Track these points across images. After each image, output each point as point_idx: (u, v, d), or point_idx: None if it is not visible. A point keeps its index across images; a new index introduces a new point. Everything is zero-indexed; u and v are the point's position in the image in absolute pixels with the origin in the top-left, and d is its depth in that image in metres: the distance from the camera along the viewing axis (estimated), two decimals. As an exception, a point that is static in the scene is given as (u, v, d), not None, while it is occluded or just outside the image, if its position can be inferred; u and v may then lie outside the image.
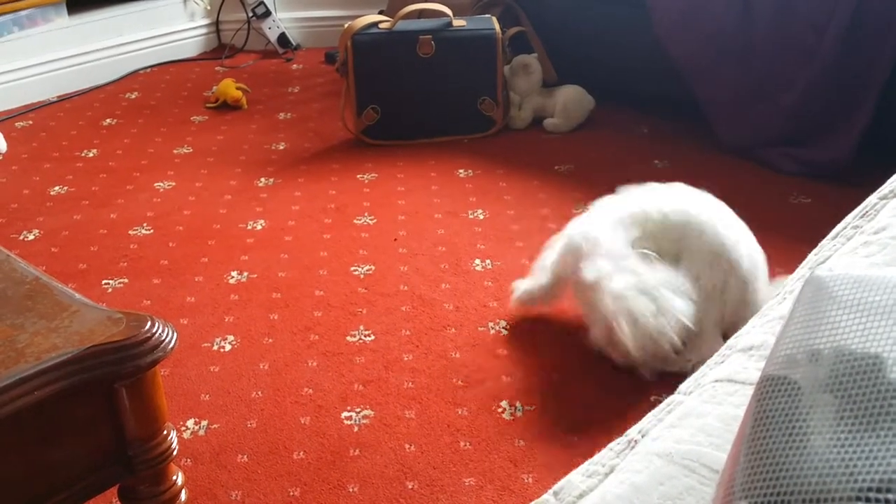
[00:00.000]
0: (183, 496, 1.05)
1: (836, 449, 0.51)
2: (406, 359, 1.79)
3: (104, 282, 2.09)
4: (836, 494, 0.48)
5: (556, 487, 0.74)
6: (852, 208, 1.14)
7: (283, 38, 3.67)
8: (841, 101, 2.38)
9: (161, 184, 2.58)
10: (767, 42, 2.45)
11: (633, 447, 0.76)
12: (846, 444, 0.51)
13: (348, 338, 1.86)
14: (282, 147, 2.81)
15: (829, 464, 0.50)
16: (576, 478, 0.75)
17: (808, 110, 2.43)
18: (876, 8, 2.27)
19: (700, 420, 0.76)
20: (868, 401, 0.52)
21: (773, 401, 0.56)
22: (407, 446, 1.56)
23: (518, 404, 1.65)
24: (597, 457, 0.77)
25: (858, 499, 0.47)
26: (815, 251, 1.04)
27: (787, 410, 0.55)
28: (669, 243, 1.70)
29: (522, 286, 1.89)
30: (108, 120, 3.07)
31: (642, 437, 0.78)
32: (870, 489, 0.48)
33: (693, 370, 1.04)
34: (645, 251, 1.67)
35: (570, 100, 2.81)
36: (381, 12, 3.08)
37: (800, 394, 0.55)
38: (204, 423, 1.63)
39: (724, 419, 0.75)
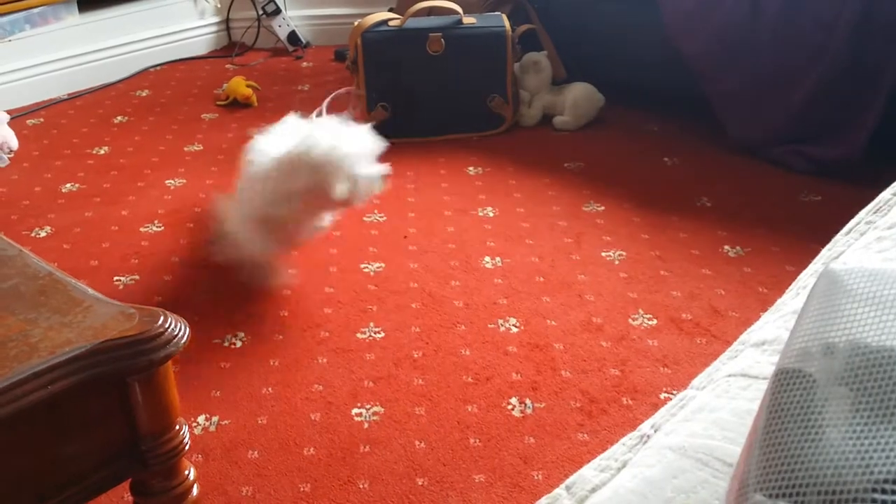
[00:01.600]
0: (195, 491, 1.05)
1: (852, 441, 0.50)
2: (416, 356, 1.79)
3: (115, 278, 2.10)
4: (851, 486, 0.48)
5: (568, 482, 0.74)
6: (863, 206, 1.13)
7: (292, 36, 3.67)
8: (851, 99, 2.37)
9: (172, 181, 2.59)
10: (777, 40, 2.44)
11: (645, 442, 0.76)
12: (862, 436, 0.51)
13: (358, 335, 1.86)
14: (291, 145, 2.81)
15: (845, 456, 0.50)
16: (588, 472, 0.74)
17: (818, 108, 2.42)
18: (885, 5, 2.26)
19: (713, 414, 0.76)
20: (884, 393, 0.52)
21: (787, 393, 0.56)
22: (417, 443, 1.56)
23: (528, 401, 1.65)
24: (609, 451, 0.77)
25: (875, 490, 0.47)
26: (828, 246, 1.04)
27: (802, 403, 0.55)
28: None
29: None
30: (118, 117, 3.08)
31: (655, 431, 0.77)
32: (885, 481, 0.48)
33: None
34: None
35: (580, 97, 2.81)
36: (390, 10, 3.08)
37: (815, 387, 0.55)
38: (215, 418, 1.64)
39: (737, 413, 0.75)
